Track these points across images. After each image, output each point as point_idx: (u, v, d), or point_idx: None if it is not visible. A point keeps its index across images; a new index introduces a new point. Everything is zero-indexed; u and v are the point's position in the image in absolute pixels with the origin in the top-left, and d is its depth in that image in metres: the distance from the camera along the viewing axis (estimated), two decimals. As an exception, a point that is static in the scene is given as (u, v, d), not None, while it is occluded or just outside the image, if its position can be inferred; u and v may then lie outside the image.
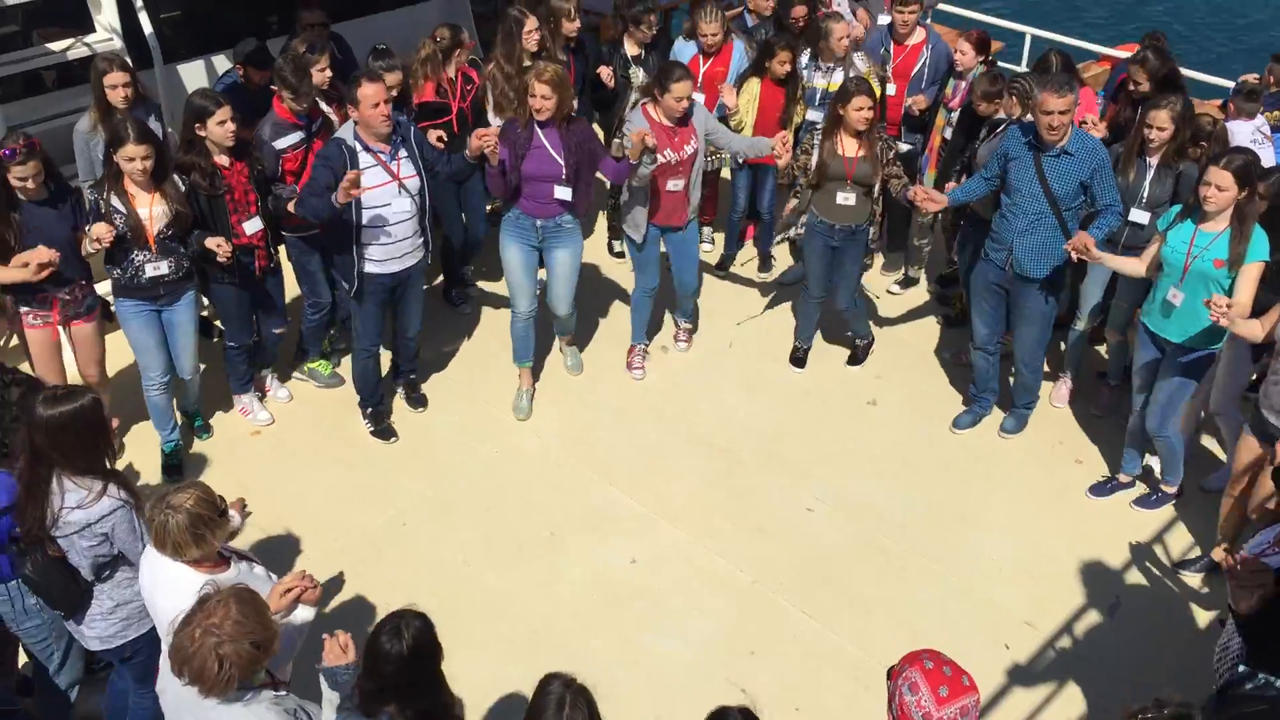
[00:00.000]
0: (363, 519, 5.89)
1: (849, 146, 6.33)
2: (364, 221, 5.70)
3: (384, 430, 6.42)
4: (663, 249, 6.68)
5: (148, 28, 6.86)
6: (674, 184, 6.38)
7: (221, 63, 7.30)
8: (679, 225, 6.56)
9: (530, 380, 6.66)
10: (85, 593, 4.04)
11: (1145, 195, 5.96)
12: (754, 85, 7.05)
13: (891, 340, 7.34)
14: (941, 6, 9.91)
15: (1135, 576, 5.68)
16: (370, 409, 6.41)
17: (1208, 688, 3.96)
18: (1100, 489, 6.18)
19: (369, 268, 5.85)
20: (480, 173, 6.52)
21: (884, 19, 8.42)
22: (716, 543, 5.79)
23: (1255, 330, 5.12)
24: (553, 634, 5.26)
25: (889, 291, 7.88)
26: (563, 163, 5.95)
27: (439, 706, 3.34)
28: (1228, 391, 5.89)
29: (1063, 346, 6.87)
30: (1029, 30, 9.33)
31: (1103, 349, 7.03)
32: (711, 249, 8.22)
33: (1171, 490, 6.05)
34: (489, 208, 7.60)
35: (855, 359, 7.15)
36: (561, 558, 5.69)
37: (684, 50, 7.33)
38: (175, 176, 5.53)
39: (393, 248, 5.83)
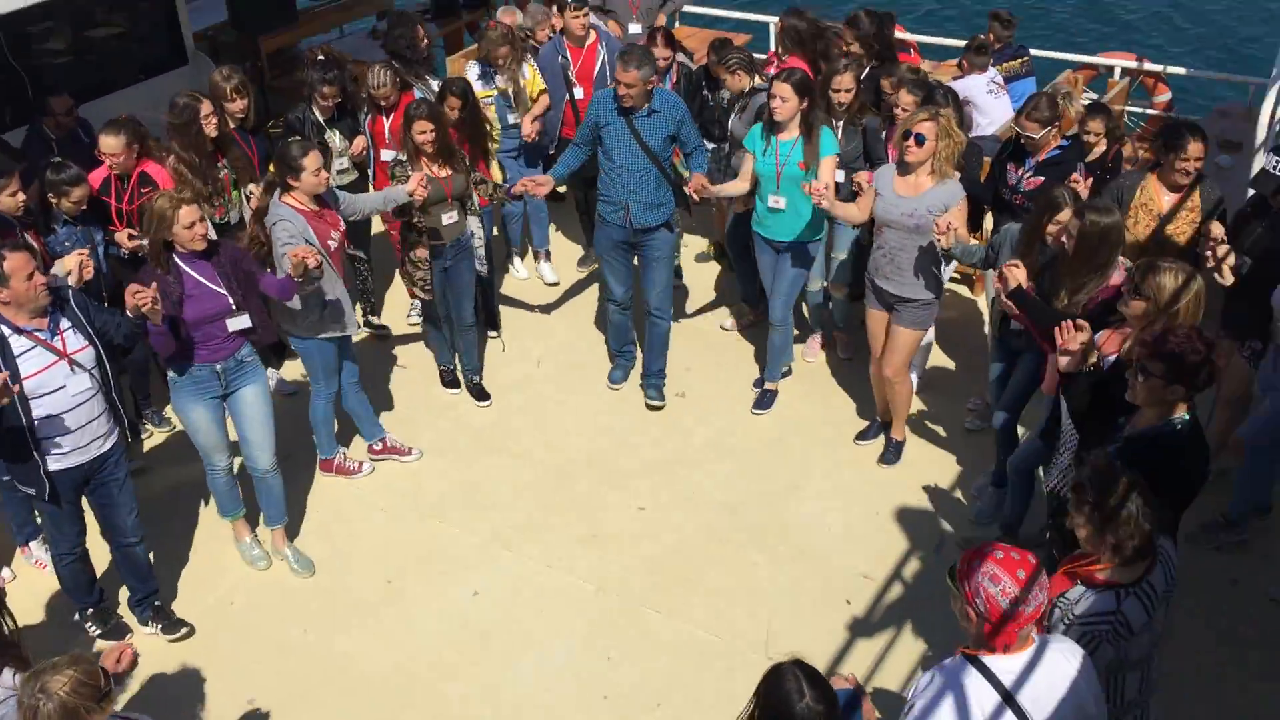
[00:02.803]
0: (183, 606, 5.63)
1: (436, 167, 6.37)
2: (37, 416, 4.71)
3: (114, 630, 5.45)
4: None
5: None
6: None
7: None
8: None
9: (248, 529, 5.91)
10: None
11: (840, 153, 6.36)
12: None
13: (690, 330, 7.51)
14: (688, 9, 10.26)
15: (952, 511, 6.01)
16: (91, 609, 5.42)
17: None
18: (762, 403, 6.84)
19: (54, 465, 4.87)
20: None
21: (634, 28, 8.67)
22: (557, 559, 5.81)
23: (852, 212, 6.00)
24: (414, 686, 5.17)
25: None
26: (226, 291, 5.25)
27: None
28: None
29: (804, 308, 7.21)
30: (769, 19, 9.73)
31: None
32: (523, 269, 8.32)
33: (773, 387, 6.80)
34: None
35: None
36: (406, 606, 5.59)
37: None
38: None
39: (78, 435, 4.86)
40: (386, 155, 6.94)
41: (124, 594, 5.53)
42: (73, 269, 5.25)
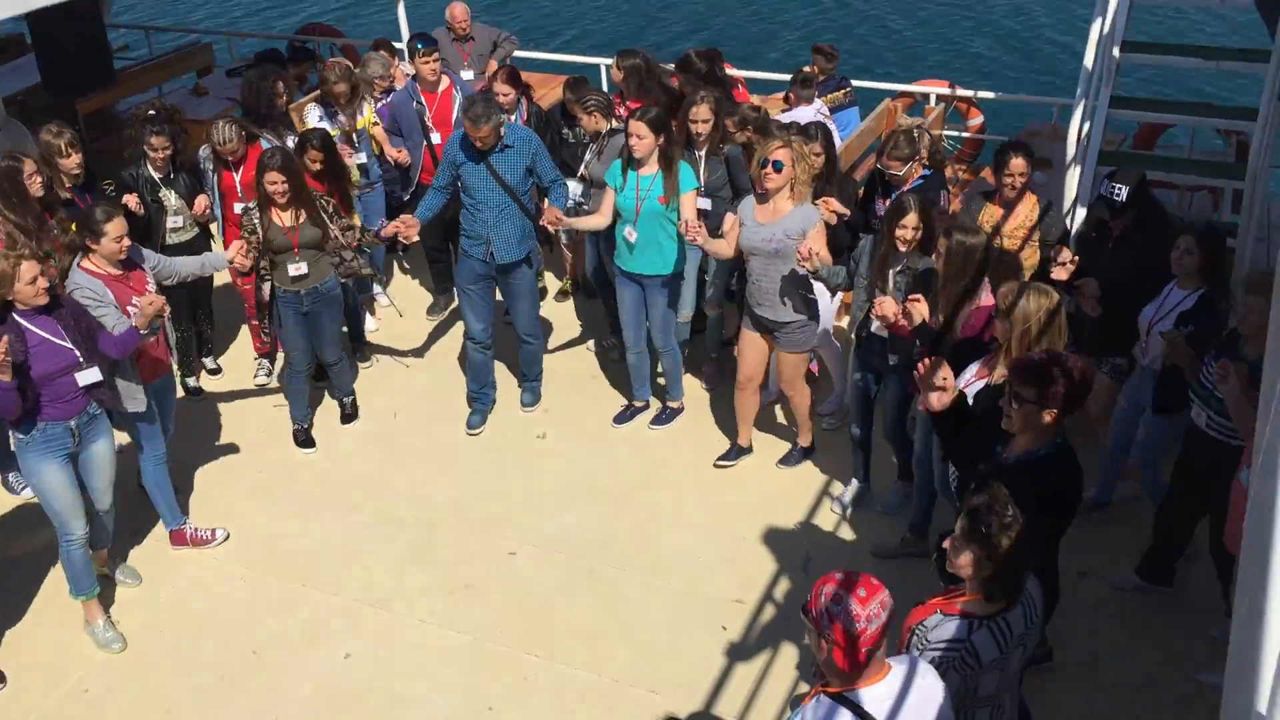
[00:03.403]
0: (32, 698, 5.31)
1: (285, 217, 6.36)
2: None
3: None
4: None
5: None
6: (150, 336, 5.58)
7: None
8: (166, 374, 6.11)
9: (101, 610, 5.61)
10: None
11: (702, 183, 6.54)
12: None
13: (547, 373, 7.47)
14: (519, 54, 10.32)
15: (816, 527, 6.15)
16: None
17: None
18: (621, 418, 7.05)
19: None
20: None
21: (466, 74, 8.70)
22: (429, 613, 5.70)
23: (722, 247, 6.11)
24: (284, 757, 4.99)
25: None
26: (72, 344, 5.12)
27: None
28: (822, 327, 6.60)
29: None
30: (600, 61, 9.89)
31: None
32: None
33: (676, 405, 7.02)
34: None
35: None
36: (274, 676, 5.39)
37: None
38: None
39: None
40: (239, 209, 6.77)
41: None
42: None
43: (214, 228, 7.13)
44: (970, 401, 4.45)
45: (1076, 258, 5.58)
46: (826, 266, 5.74)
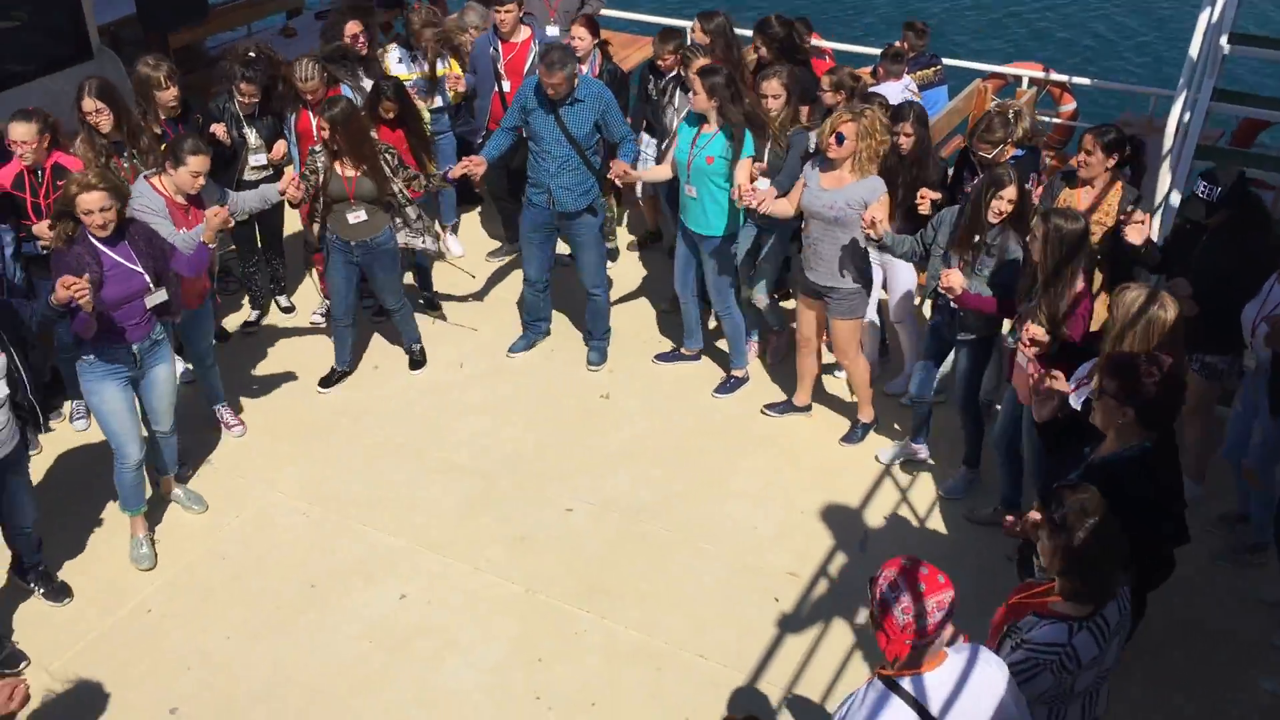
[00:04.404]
0: (97, 616, 5.45)
1: (345, 167, 6.39)
2: None
3: (56, 591, 5.52)
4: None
5: None
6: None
7: None
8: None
9: (145, 526, 5.79)
10: None
11: (765, 161, 6.46)
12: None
13: (615, 331, 7.49)
14: (609, 12, 10.26)
15: (875, 507, 6.10)
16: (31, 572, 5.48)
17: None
18: (665, 356, 7.22)
19: None
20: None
21: (552, 30, 8.66)
22: (484, 561, 5.76)
23: (783, 206, 6.08)
24: (342, 689, 5.07)
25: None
26: (143, 269, 5.23)
27: None
28: (904, 303, 6.59)
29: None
30: (685, 23, 9.77)
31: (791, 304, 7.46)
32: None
33: (740, 374, 6.95)
34: None
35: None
36: (330, 610, 5.49)
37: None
38: None
39: None
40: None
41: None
42: None
43: (289, 169, 7.20)
44: (1080, 405, 4.41)
45: (1148, 216, 5.45)
46: (890, 234, 5.75)
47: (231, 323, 7.62)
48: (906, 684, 3.04)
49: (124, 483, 5.62)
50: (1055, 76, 9.84)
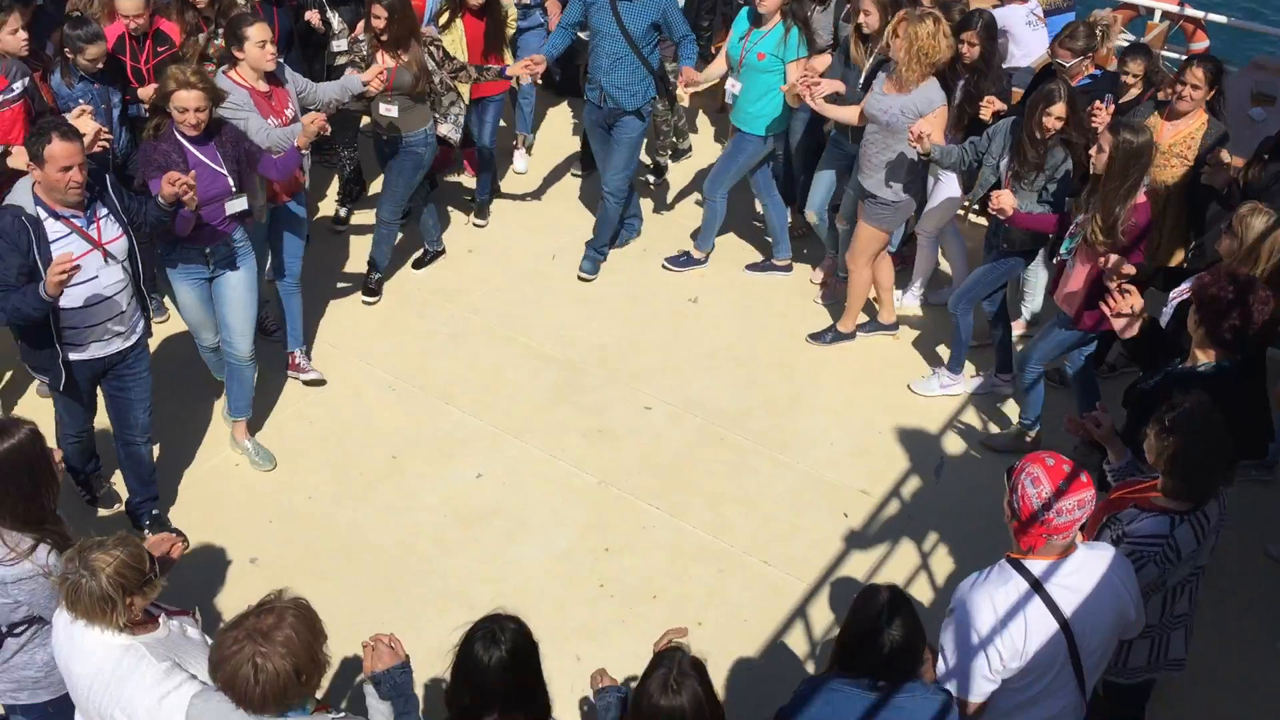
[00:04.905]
0: (183, 466, 5.70)
1: (385, 56, 6.23)
2: (64, 305, 4.50)
3: (105, 498, 5.49)
4: None
5: None
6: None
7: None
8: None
9: (247, 432, 5.77)
10: None
11: (859, 84, 6.31)
12: (458, 26, 6.84)
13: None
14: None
15: (954, 436, 6.06)
16: (83, 477, 5.38)
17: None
18: (675, 260, 7.23)
19: (75, 355, 4.71)
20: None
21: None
22: (561, 450, 5.87)
23: (849, 115, 6.11)
24: (415, 559, 5.26)
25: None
26: (227, 173, 5.15)
27: (541, 707, 3.10)
28: (945, 212, 6.50)
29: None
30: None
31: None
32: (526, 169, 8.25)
33: (783, 263, 7.17)
34: None
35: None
36: (409, 482, 5.66)
37: None
38: None
39: (102, 328, 4.69)
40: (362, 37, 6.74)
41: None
42: (88, 134, 5.02)
43: (380, 56, 7.07)
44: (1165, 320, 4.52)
45: (1234, 159, 5.36)
46: (938, 147, 5.74)
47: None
48: (1032, 566, 3.17)
49: (206, 360, 5.85)
50: (1190, 12, 9.40)
